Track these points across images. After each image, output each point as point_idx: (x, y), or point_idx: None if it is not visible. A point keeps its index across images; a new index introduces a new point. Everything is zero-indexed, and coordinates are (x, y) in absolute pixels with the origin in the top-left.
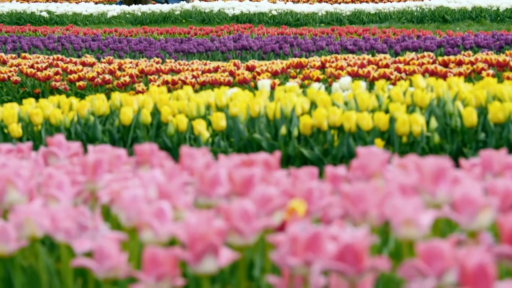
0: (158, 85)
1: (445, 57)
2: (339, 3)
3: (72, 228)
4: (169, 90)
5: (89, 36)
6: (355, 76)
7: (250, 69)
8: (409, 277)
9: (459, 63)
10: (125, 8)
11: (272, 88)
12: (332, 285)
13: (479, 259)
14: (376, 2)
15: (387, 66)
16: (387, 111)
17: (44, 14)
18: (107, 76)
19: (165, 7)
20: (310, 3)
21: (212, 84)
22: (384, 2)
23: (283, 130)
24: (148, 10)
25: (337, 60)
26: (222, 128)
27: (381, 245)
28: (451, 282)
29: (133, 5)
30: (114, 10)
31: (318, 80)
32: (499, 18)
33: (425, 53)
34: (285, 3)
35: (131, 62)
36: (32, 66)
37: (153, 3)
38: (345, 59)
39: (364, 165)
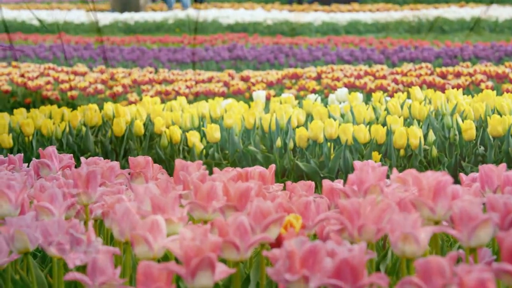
0: (151, 96)
1: (443, 68)
2: (335, 13)
3: (64, 241)
4: (163, 101)
5: (81, 45)
6: (351, 87)
7: (245, 79)
8: None
9: (458, 75)
10: (117, 16)
11: (267, 99)
12: None
13: (478, 276)
14: (373, 12)
15: (384, 77)
16: (384, 124)
17: (35, 22)
18: (100, 86)
19: (158, 16)
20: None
21: (206, 94)
22: (381, 12)
23: (278, 142)
24: (141, 19)
25: (333, 71)
26: (216, 140)
27: (379, 261)
28: None
29: (126, 12)
30: (106, 18)
31: (314, 91)
32: (498, 28)
33: (423, 64)
34: (280, 12)
35: (123, 72)
36: (23, 75)
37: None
38: (341, 70)
39: (362, 179)
